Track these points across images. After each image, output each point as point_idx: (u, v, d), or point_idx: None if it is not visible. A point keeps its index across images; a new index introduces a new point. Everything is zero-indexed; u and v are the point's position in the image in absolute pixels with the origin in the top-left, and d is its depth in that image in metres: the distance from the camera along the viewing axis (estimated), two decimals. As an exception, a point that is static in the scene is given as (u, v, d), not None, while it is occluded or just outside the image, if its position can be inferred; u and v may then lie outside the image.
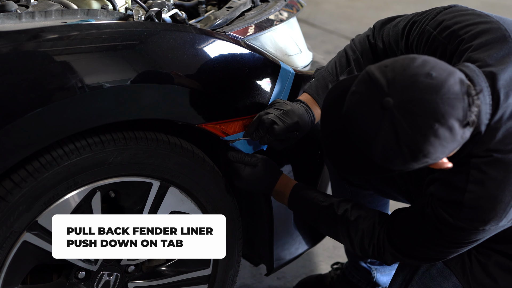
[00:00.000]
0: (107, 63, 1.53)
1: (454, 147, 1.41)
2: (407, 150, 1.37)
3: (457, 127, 1.36)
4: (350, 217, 1.73)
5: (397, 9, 6.27)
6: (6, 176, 1.47)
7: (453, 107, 1.35)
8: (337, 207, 1.76)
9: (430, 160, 1.40)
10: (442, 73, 1.37)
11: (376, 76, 1.39)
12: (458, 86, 1.37)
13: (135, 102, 1.57)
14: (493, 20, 1.60)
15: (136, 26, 1.62)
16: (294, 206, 1.82)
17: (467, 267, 1.74)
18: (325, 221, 1.78)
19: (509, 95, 1.50)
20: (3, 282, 1.54)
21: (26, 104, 1.42)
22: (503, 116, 1.50)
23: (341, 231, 1.75)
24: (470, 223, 1.53)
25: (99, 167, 1.57)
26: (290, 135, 1.76)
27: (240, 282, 2.39)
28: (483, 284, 1.73)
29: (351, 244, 1.75)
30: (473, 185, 1.51)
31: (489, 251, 1.74)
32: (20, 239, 1.53)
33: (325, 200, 1.78)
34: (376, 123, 1.37)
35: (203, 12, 2.04)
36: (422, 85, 1.35)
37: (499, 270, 1.73)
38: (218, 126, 1.72)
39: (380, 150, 1.39)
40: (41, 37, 1.47)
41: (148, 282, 1.80)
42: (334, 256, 2.62)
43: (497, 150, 1.50)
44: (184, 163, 1.71)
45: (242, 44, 1.77)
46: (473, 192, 1.51)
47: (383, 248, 1.70)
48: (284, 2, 2.04)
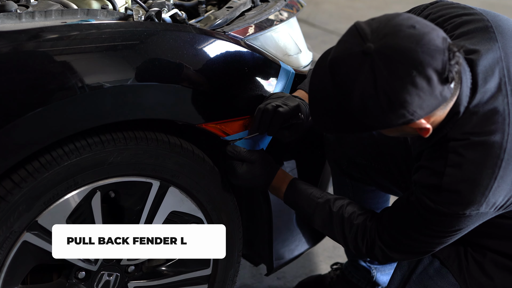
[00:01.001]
0: (107, 63, 1.53)
1: (432, 104, 1.41)
2: (384, 97, 1.38)
3: (435, 79, 1.37)
4: (345, 214, 1.74)
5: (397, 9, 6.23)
6: (6, 176, 1.47)
7: (433, 58, 1.37)
8: (333, 203, 1.76)
9: (407, 114, 1.40)
10: (426, 27, 1.40)
11: (361, 26, 1.43)
12: (440, 40, 1.39)
13: (135, 102, 1.57)
14: (477, 12, 1.64)
15: (136, 26, 1.62)
16: (290, 201, 1.82)
17: (463, 266, 1.75)
18: (320, 217, 1.78)
19: (487, 80, 1.52)
20: (3, 282, 1.54)
21: (26, 104, 1.42)
22: (481, 101, 1.51)
23: (336, 228, 1.75)
24: (449, 207, 1.53)
25: (99, 167, 1.57)
26: (296, 120, 1.75)
27: (240, 282, 2.39)
28: (479, 282, 1.74)
29: (345, 241, 1.75)
30: (451, 169, 1.52)
31: (484, 250, 1.75)
32: (20, 239, 1.53)
33: (321, 197, 1.78)
34: (356, 68, 1.40)
35: (203, 12, 2.04)
36: (404, 34, 1.38)
37: (495, 268, 1.73)
38: (218, 126, 1.72)
39: (358, 97, 1.40)
40: (41, 37, 1.47)
41: (148, 282, 1.80)
42: (334, 256, 2.62)
43: (474, 133, 1.51)
44: (184, 163, 1.71)
45: (242, 44, 1.77)
46: (451, 176, 1.52)
47: (373, 243, 1.70)
48: (284, 2, 2.04)
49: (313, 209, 1.78)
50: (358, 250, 1.74)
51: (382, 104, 1.39)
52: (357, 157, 2.05)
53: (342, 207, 1.75)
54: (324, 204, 1.77)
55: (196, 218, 1.80)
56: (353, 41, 1.42)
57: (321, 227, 1.81)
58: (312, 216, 1.79)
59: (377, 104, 1.39)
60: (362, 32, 1.41)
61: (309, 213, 1.79)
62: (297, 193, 1.80)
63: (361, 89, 1.39)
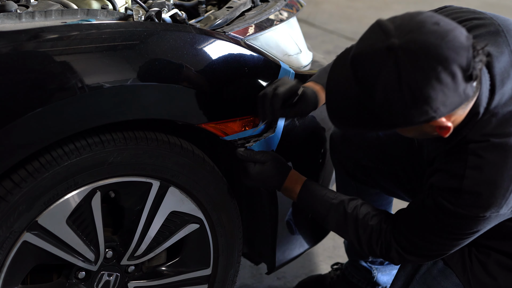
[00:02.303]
0: (107, 63, 1.53)
1: (455, 102, 1.40)
2: (408, 92, 1.36)
3: (460, 76, 1.37)
4: (359, 215, 1.73)
5: (397, 9, 6.26)
6: (6, 176, 1.47)
7: (458, 54, 1.36)
8: (347, 204, 1.75)
9: (431, 110, 1.38)
10: (449, 25, 1.40)
11: (384, 23, 1.42)
12: (464, 37, 1.39)
13: (135, 102, 1.57)
14: (487, 16, 1.63)
15: (136, 26, 1.62)
16: (304, 202, 1.81)
17: (467, 266, 1.75)
18: (334, 218, 1.77)
19: (504, 82, 1.52)
20: (3, 282, 1.54)
21: (26, 104, 1.42)
22: (499, 103, 1.51)
23: (350, 228, 1.75)
24: (470, 210, 1.52)
25: (99, 167, 1.57)
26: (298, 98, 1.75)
27: (240, 282, 2.39)
28: (483, 283, 1.73)
29: (359, 242, 1.75)
30: (471, 171, 1.51)
31: (488, 250, 1.75)
32: (20, 239, 1.53)
33: (335, 198, 1.78)
34: (380, 63, 1.38)
35: (203, 12, 2.04)
36: (428, 30, 1.37)
37: (499, 268, 1.73)
38: (218, 126, 1.72)
39: (381, 92, 1.38)
40: (41, 37, 1.47)
41: (148, 282, 1.81)
42: (334, 256, 2.62)
43: (494, 134, 1.51)
44: (184, 163, 1.71)
45: (242, 44, 1.77)
46: (471, 178, 1.51)
47: (389, 246, 1.70)
48: (284, 2, 2.04)
49: (327, 210, 1.77)
50: (372, 251, 1.74)
51: (406, 100, 1.37)
52: (362, 159, 2.05)
53: (356, 208, 1.75)
54: (338, 205, 1.76)
55: (196, 218, 1.80)
56: (376, 38, 1.41)
57: (335, 228, 1.80)
58: (326, 217, 1.78)
59: (400, 99, 1.38)
60: (385, 28, 1.40)
61: (323, 214, 1.78)
62: (311, 194, 1.80)
63: (385, 84, 1.38)
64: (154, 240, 1.75)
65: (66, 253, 1.61)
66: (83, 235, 1.63)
